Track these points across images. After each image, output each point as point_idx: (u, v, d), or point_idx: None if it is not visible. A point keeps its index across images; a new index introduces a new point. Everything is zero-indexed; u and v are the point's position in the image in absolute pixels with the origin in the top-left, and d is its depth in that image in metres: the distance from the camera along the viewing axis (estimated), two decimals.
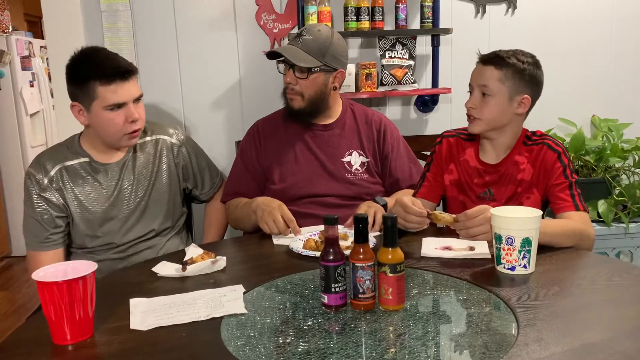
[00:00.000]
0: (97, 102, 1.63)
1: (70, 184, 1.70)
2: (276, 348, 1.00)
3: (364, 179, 1.90)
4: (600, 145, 2.47)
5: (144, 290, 1.28)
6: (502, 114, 1.62)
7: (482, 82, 1.62)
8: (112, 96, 1.62)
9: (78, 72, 1.65)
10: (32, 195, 1.69)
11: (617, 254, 2.46)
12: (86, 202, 1.71)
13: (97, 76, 1.61)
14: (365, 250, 1.12)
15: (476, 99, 1.64)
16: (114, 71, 1.62)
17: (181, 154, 1.87)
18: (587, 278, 1.28)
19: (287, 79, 1.84)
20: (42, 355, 1.01)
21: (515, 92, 1.60)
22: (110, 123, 1.65)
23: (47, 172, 1.69)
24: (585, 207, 1.57)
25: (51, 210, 1.69)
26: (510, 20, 2.58)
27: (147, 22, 2.46)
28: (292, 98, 1.85)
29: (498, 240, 1.30)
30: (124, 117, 1.65)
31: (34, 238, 1.71)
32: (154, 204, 1.79)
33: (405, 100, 2.64)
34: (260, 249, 1.60)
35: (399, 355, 0.96)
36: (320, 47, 1.80)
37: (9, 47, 4.38)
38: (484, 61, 1.64)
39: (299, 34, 1.82)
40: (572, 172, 1.61)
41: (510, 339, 0.99)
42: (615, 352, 0.92)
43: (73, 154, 1.73)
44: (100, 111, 1.64)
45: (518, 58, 1.59)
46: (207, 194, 1.99)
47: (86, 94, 1.63)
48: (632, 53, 2.66)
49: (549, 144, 1.63)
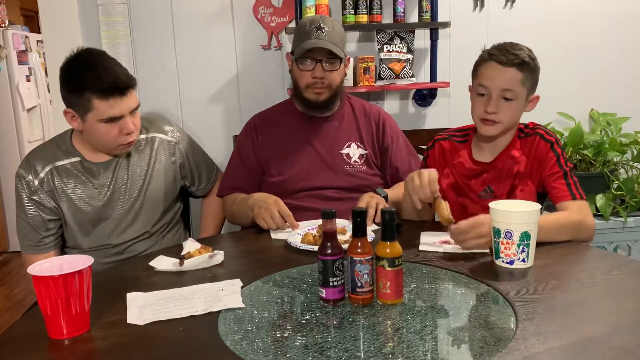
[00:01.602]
0: (93, 114, 1.57)
1: (61, 184, 1.66)
2: (274, 342, 1.00)
3: (362, 170, 1.90)
4: (599, 140, 2.47)
5: (141, 284, 1.27)
6: (519, 115, 1.61)
7: (506, 86, 1.54)
8: (109, 110, 1.56)
9: (74, 81, 1.57)
10: (23, 198, 1.65)
11: (615, 248, 2.47)
12: (79, 203, 1.67)
13: (94, 90, 1.54)
14: (364, 244, 1.12)
15: (498, 102, 1.55)
16: (113, 86, 1.55)
17: (177, 152, 1.84)
18: (585, 272, 1.28)
19: (315, 73, 1.81)
20: (39, 349, 1.01)
21: (530, 92, 1.59)
22: (105, 135, 1.61)
23: (37, 173, 1.64)
24: (583, 194, 1.55)
25: (42, 214, 1.65)
26: (509, 14, 2.57)
27: (144, 16, 2.44)
28: (321, 92, 1.84)
29: (497, 234, 1.29)
30: (119, 129, 1.60)
31: (27, 241, 1.68)
32: (149, 203, 1.76)
33: (403, 94, 2.63)
34: (258, 243, 1.59)
35: (397, 349, 0.96)
36: (342, 37, 1.85)
37: (6, 41, 4.36)
38: (504, 62, 1.53)
39: (318, 27, 1.80)
40: (567, 160, 1.59)
41: (509, 333, 0.99)
42: (613, 346, 0.92)
43: (64, 153, 1.68)
44: (94, 122, 1.58)
45: (529, 55, 1.55)
46: (203, 189, 1.97)
47: (81, 104, 1.56)
48: (631, 47, 2.65)
49: (541, 134, 1.62)
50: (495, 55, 1.56)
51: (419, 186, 1.49)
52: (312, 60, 1.81)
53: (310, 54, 1.80)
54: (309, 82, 1.83)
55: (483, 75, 1.58)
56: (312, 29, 1.80)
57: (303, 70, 1.83)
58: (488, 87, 1.57)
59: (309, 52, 1.79)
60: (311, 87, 1.84)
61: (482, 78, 1.58)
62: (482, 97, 1.59)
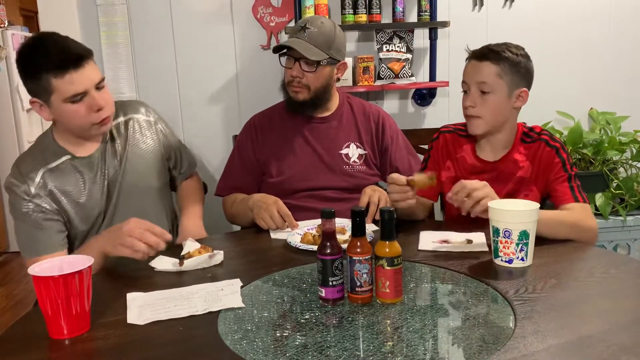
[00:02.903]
0: (55, 96, 1.49)
1: (58, 184, 1.59)
2: (273, 342, 1.00)
3: (362, 171, 1.90)
4: (598, 139, 2.47)
5: (141, 284, 1.27)
6: (502, 110, 1.60)
7: (480, 79, 1.58)
8: (69, 87, 1.48)
9: (28, 66, 1.50)
10: (21, 203, 1.55)
11: (615, 246, 2.47)
12: (79, 200, 1.62)
13: (48, 68, 1.46)
14: (363, 244, 1.12)
15: (475, 96, 1.59)
16: (65, 60, 1.46)
17: (158, 131, 1.80)
18: (584, 271, 1.28)
19: (292, 72, 1.82)
20: (39, 349, 1.01)
21: (514, 86, 1.58)
22: (74, 115, 1.52)
23: (33, 179, 1.56)
24: (586, 198, 1.56)
25: (46, 214, 1.57)
26: (508, 13, 2.57)
27: (143, 16, 2.45)
28: (297, 91, 1.84)
29: (495, 233, 1.30)
30: (88, 106, 1.52)
31: (30, 244, 1.57)
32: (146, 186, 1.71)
33: (402, 94, 2.63)
34: (257, 243, 1.59)
35: (397, 348, 0.96)
36: (327, 40, 1.80)
37: (5, 41, 4.36)
38: (479, 57, 1.59)
39: (303, 27, 1.80)
40: (571, 165, 1.60)
41: (508, 331, 0.99)
42: (612, 344, 0.92)
43: (52, 154, 1.62)
44: (60, 104, 1.50)
45: (512, 51, 1.57)
46: (185, 173, 1.92)
47: (42, 88, 1.49)
48: (631, 46, 2.66)
49: (546, 140, 1.62)
50: (475, 52, 1.62)
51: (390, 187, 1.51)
52: (291, 58, 1.82)
53: (290, 52, 1.82)
54: (288, 79, 1.85)
55: (464, 72, 1.64)
56: (298, 28, 1.83)
57: (284, 67, 1.86)
58: (467, 83, 1.62)
59: (289, 49, 1.81)
60: (290, 85, 1.85)
61: (463, 75, 1.64)
62: (465, 94, 1.64)
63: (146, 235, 1.36)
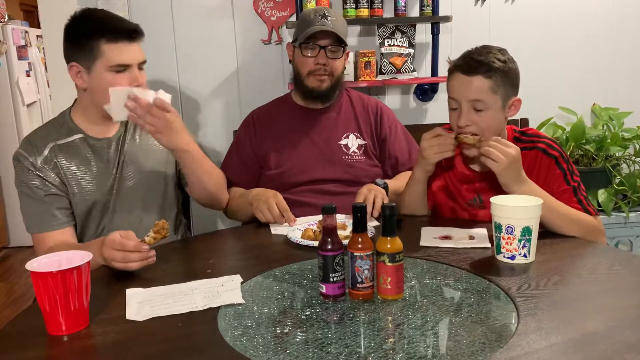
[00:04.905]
0: (101, 62, 1.50)
1: (65, 163, 1.57)
2: (274, 338, 0.99)
3: (361, 161, 1.89)
4: (601, 134, 2.46)
5: (140, 280, 1.26)
6: (499, 123, 1.51)
7: (474, 96, 1.44)
8: (118, 56, 1.50)
9: (81, 30, 1.53)
10: (27, 176, 1.54)
11: (617, 243, 2.46)
12: (82, 179, 1.58)
13: (102, 32, 1.49)
14: (364, 240, 1.11)
15: (470, 115, 1.46)
16: (122, 29, 1.52)
17: None
18: (587, 267, 1.27)
19: (319, 59, 1.83)
20: (38, 345, 1.00)
21: (507, 97, 1.48)
22: (112, 86, 1.51)
23: (41, 151, 1.56)
24: (596, 210, 1.50)
25: (51, 188, 1.55)
26: (510, 8, 2.55)
27: (143, 10, 2.43)
28: (323, 79, 1.85)
29: (498, 229, 1.28)
30: (128, 81, 1.52)
31: (36, 219, 1.54)
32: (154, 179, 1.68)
33: (404, 89, 2.62)
34: (258, 239, 1.59)
35: (398, 344, 0.95)
36: (345, 28, 1.87)
37: (5, 36, 4.35)
38: (467, 71, 1.45)
39: (323, 15, 1.81)
40: (572, 174, 1.51)
41: (510, 328, 0.98)
42: (615, 341, 0.91)
43: (65, 131, 1.60)
44: (102, 72, 1.51)
45: (499, 59, 1.44)
46: None
47: (88, 52, 1.50)
48: (633, 41, 2.64)
49: (544, 149, 1.52)
50: (460, 64, 1.47)
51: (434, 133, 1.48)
52: (316, 47, 1.82)
53: (315, 40, 1.81)
54: (312, 68, 1.84)
55: (451, 87, 1.50)
56: (317, 17, 1.82)
57: (306, 56, 1.84)
58: (457, 100, 1.48)
59: (313, 38, 1.81)
60: (314, 74, 1.84)
61: (450, 91, 1.51)
62: (455, 112, 1.51)
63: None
